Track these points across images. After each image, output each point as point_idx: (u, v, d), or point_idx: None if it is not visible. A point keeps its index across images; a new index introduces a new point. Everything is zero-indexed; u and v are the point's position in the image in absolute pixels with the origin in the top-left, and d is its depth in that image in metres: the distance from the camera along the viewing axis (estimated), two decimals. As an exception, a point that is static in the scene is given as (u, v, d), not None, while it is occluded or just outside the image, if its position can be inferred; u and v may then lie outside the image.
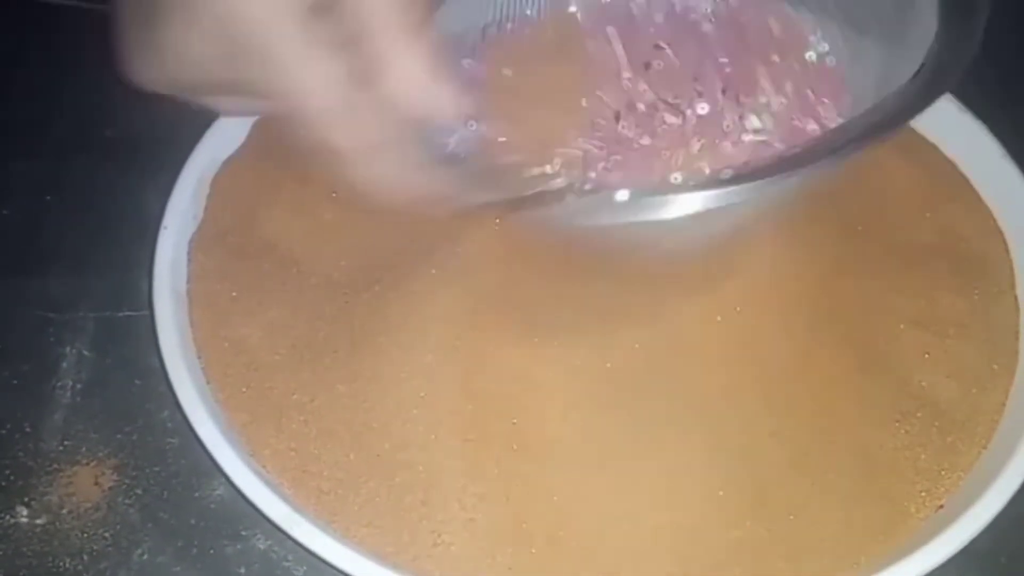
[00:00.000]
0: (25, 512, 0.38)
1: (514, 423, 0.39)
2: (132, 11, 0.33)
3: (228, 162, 0.46)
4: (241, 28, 0.30)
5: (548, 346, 0.40)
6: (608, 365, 0.40)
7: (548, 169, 0.38)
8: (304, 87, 0.30)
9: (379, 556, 0.36)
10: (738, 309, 0.41)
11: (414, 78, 0.31)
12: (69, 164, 0.49)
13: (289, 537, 0.35)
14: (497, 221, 0.43)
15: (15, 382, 0.42)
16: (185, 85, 0.33)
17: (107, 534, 0.38)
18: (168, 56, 0.32)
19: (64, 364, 0.42)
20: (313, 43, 0.30)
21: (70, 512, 0.39)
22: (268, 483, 0.37)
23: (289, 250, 0.44)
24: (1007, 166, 0.45)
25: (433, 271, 0.42)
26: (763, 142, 0.38)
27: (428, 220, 0.35)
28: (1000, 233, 0.45)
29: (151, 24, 0.32)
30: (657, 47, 0.41)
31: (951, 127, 0.47)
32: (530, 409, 0.39)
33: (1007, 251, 0.44)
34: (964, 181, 0.47)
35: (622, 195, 0.31)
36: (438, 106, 0.32)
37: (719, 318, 0.41)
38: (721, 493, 0.37)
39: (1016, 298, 0.43)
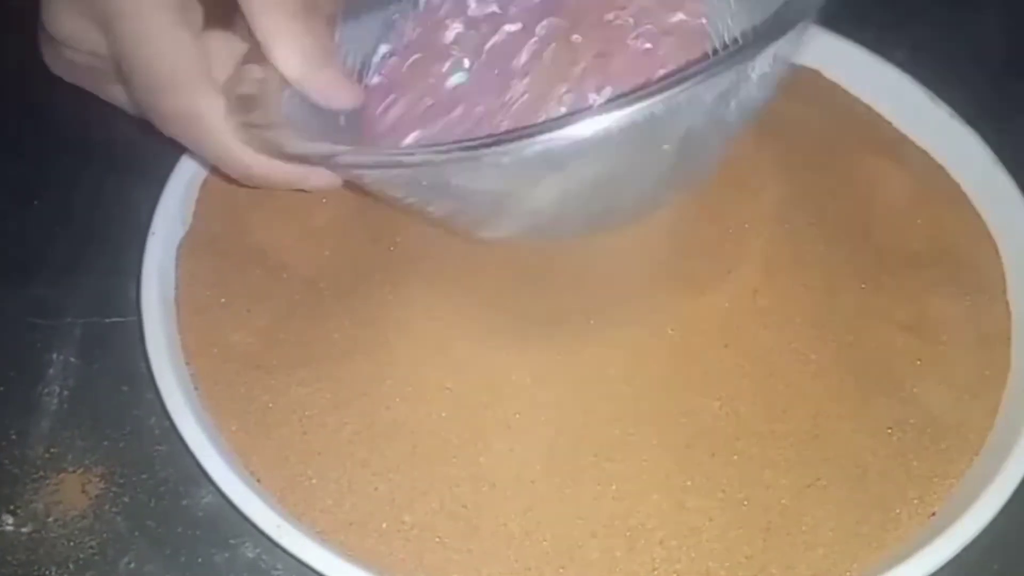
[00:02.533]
0: (11, 520, 0.38)
1: (507, 427, 0.39)
2: None
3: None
4: (105, 8, 0.30)
5: (537, 347, 0.40)
6: (595, 368, 0.40)
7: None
8: (152, 53, 0.31)
9: (369, 564, 0.35)
10: (729, 315, 0.41)
11: (294, 64, 0.32)
12: (56, 168, 0.48)
13: (278, 546, 0.35)
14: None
15: (1, 389, 0.42)
16: (79, 71, 0.34)
17: (94, 542, 0.38)
18: (56, 40, 0.33)
19: (50, 371, 0.42)
20: (177, 24, 0.30)
21: (56, 520, 0.38)
22: (257, 491, 0.36)
23: (278, 256, 0.44)
24: (997, 172, 0.45)
25: (422, 275, 0.42)
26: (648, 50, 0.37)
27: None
28: (991, 239, 0.45)
29: (44, 6, 0.33)
30: None
31: (941, 133, 0.47)
32: (521, 412, 0.39)
33: (998, 257, 0.44)
34: (955, 187, 0.47)
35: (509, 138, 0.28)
36: (317, 91, 0.33)
37: (710, 324, 0.41)
38: (712, 500, 0.37)
39: (1007, 304, 0.43)
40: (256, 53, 0.34)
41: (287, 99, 0.34)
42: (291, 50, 0.32)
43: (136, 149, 0.48)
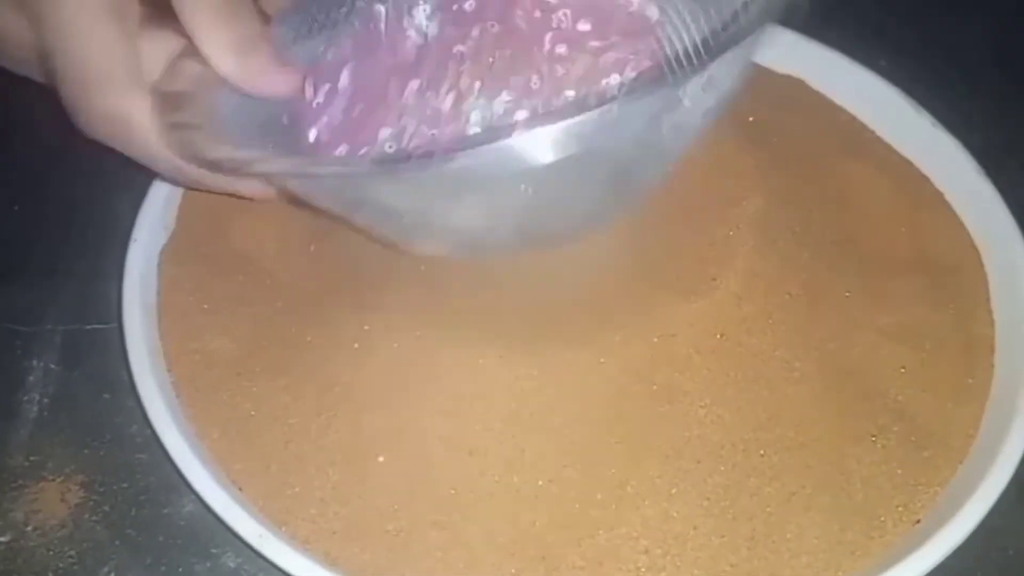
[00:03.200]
0: (-11, 530, 0.38)
1: (491, 435, 0.39)
2: None
3: (201, 173, 0.46)
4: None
5: (521, 354, 0.40)
6: (579, 375, 0.40)
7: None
8: (81, 50, 0.30)
9: (352, 573, 0.35)
10: (714, 323, 0.41)
11: (220, 51, 0.31)
12: (38, 174, 0.48)
13: (260, 555, 0.35)
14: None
15: (-20, 396, 0.41)
16: (6, 53, 0.33)
17: (73, 552, 0.38)
18: None
19: (31, 378, 0.42)
20: (106, 20, 0.30)
21: (35, 529, 0.38)
22: (239, 500, 0.36)
23: (261, 262, 0.44)
24: (981, 182, 0.46)
25: (405, 282, 0.42)
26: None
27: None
28: (975, 248, 0.45)
29: None
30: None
31: (926, 143, 0.48)
32: (505, 420, 0.39)
33: (981, 265, 0.45)
34: (939, 196, 0.47)
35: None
36: (249, 80, 0.32)
37: (694, 331, 0.41)
38: (697, 508, 0.37)
39: (990, 312, 0.43)
40: (192, 49, 0.32)
41: (226, 98, 0.33)
42: (217, 38, 0.31)
43: (118, 155, 0.48)
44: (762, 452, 0.38)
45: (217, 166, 0.31)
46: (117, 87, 0.31)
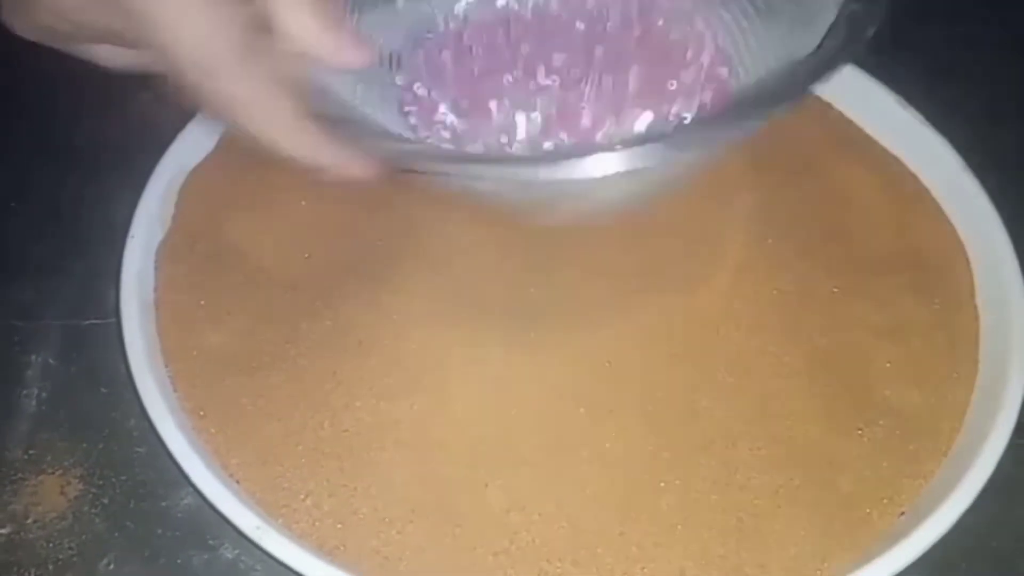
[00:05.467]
0: (-11, 522, 0.38)
1: (487, 426, 0.39)
2: None
3: (196, 170, 0.46)
4: None
5: (515, 349, 0.41)
6: (572, 371, 0.41)
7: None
8: (177, 31, 0.29)
9: (348, 565, 0.36)
10: (705, 319, 0.42)
11: (300, 24, 0.31)
12: (35, 171, 0.48)
13: (257, 547, 0.35)
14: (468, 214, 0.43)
15: (-21, 391, 0.42)
16: (56, 32, 0.32)
17: (73, 544, 0.38)
18: (42, 6, 0.31)
19: (29, 372, 0.42)
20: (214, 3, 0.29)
21: (35, 522, 0.38)
22: (236, 492, 0.37)
23: (257, 258, 0.44)
24: (967, 179, 0.46)
25: (400, 277, 0.43)
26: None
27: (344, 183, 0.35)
28: (961, 244, 0.46)
29: None
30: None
31: (913, 140, 0.48)
32: (500, 412, 0.40)
33: (967, 262, 0.45)
34: (926, 193, 0.48)
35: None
36: (331, 53, 0.32)
37: (685, 328, 0.42)
38: (686, 500, 0.38)
39: (976, 307, 0.44)
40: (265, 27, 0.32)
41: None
42: (300, 16, 0.31)
43: (115, 152, 0.48)
44: (751, 446, 0.39)
45: (391, 161, 0.33)
46: (241, 72, 0.31)
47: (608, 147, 0.30)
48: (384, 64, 0.39)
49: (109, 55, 0.34)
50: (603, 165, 0.30)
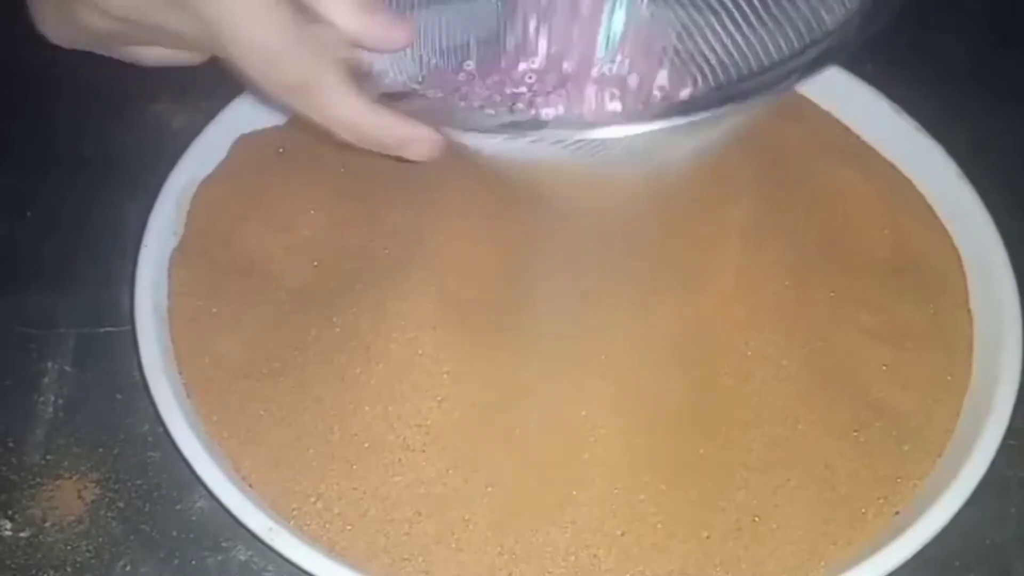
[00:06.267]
0: (9, 525, 0.39)
1: (493, 429, 0.40)
2: None
3: (207, 180, 0.47)
4: None
5: (520, 354, 0.42)
6: (574, 373, 0.41)
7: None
8: (239, 22, 0.30)
9: (358, 565, 0.37)
10: (703, 322, 0.42)
11: (347, 9, 0.31)
12: (49, 181, 0.49)
13: (269, 548, 0.36)
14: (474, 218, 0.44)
15: (-3, 398, 0.42)
16: (99, 35, 0.33)
17: (90, 547, 0.39)
18: (91, 6, 0.31)
19: (46, 380, 0.43)
20: None
21: (53, 525, 0.39)
22: (249, 495, 0.38)
23: (268, 266, 0.45)
24: (962, 185, 0.47)
25: (407, 284, 0.43)
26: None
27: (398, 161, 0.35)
28: (955, 249, 0.47)
29: None
30: None
31: (909, 147, 0.49)
32: (507, 414, 0.40)
33: (961, 266, 0.46)
34: (921, 199, 0.48)
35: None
36: (372, 36, 0.32)
37: (684, 331, 0.42)
38: (686, 501, 0.39)
39: (970, 311, 0.45)
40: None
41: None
42: (341, 1, 0.32)
43: (128, 161, 0.49)
44: (748, 447, 0.40)
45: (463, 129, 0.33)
46: (305, 58, 0.31)
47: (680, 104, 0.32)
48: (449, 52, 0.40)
49: (151, 54, 0.34)
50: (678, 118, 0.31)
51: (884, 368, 0.43)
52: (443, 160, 0.35)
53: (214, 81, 0.35)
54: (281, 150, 0.48)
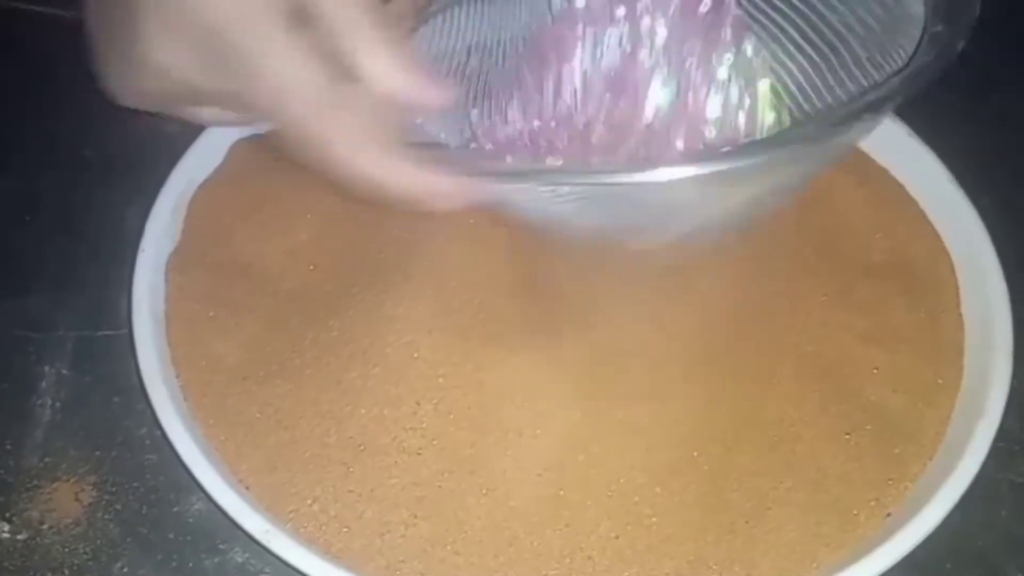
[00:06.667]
0: (7, 528, 0.39)
1: (490, 432, 0.40)
2: (104, 21, 0.33)
3: (205, 184, 0.47)
4: (219, 33, 0.30)
5: (518, 356, 0.42)
6: (570, 379, 0.42)
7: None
8: (286, 87, 0.31)
9: (354, 567, 0.37)
10: (697, 328, 0.43)
11: (387, 70, 0.32)
12: (47, 184, 0.49)
13: (266, 550, 0.37)
14: (471, 221, 0.44)
15: (-5, 400, 0.43)
16: (161, 97, 0.33)
17: (87, 549, 0.39)
18: (144, 67, 0.32)
19: (43, 382, 0.43)
20: (292, 44, 0.30)
21: (51, 527, 0.39)
22: (245, 498, 0.38)
23: (265, 270, 0.45)
24: (953, 190, 0.47)
25: (404, 287, 0.44)
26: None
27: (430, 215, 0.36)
28: (946, 253, 0.47)
29: (125, 34, 0.32)
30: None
31: (901, 152, 0.49)
32: (504, 417, 0.41)
33: (953, 271, 0.46)
34: (913, 204, 0.49)
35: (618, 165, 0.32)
36: (414, 96, 0.33)
37: (678, 336, 0.43)
38: (680, 503, 0.39)
39: (961, 316, 0.45)
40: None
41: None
42: (383, 62, 0.32)
43: (127, 166, 0.49)
44: (741, 450, 0.40)
45: (512, 179, 0.33)
46: (320, 115, 0.32)
47: (719, 153, 0.31)
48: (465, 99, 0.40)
49: (213, 114, 0.35)
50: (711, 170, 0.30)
51: (876, 371, 0.43)
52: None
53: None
54: (278, 154, 0.48)
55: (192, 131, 0.47)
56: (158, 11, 0.31)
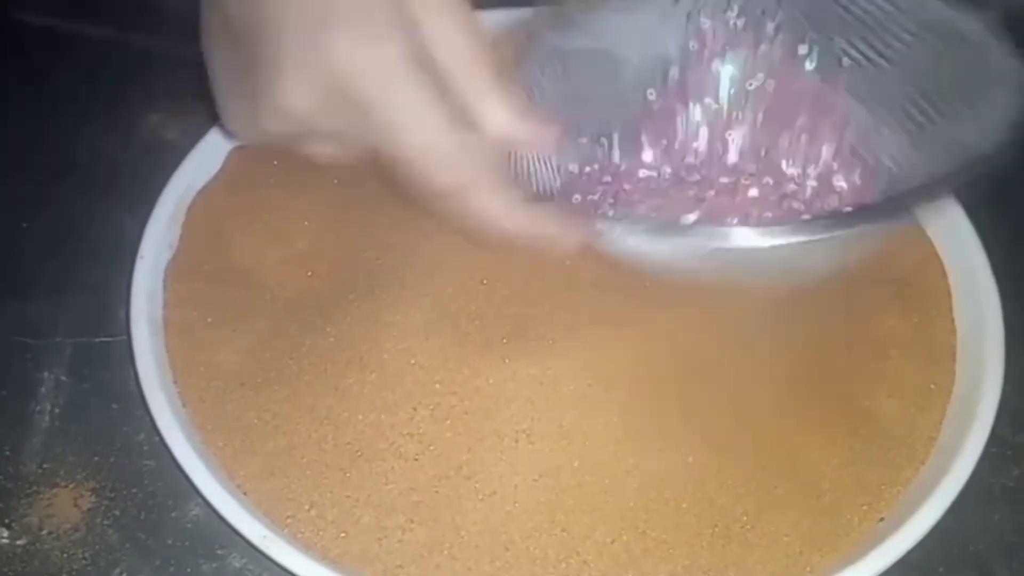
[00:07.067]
0: (6, 533, 0.39)
1: (488, 438, 0.40)
2: (229, 61, 0.34)
3: (203, 191, 0.47)
4: (351, 82, 0.31)
5: (515, 363, 0.42)
6: (570, 383, 0.42)
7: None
8: (411, 130, 0.32)
9: (351, 573, 0.37)
10: (691, 334, 0.43)
11: (502, 116, 0.33)
12: (46, 192, 0.50)
13: (264, 555, 0.37)
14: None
15: (-6, 407, 0.43)
16: (282, 135, 0.34)
17: (86, 554, 0.39)
18: (266, 108, 0.33)
19: (42, 389, 0.43)
20: (422, 96, 0.31)
21: (50, 533, 0.40)
22: (243, 503, 0.38)
23: (261, 278, 0.45)
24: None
25: (401, 295, 0.44)
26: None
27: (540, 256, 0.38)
28: (939, 259, 0.47)
29: (248, 76, 0.33)
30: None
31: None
32: (501, 423, 0.41)
33: (945, 277, 0.47)
34: (906, 210, 0.49)
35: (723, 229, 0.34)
36: (525, 139, 0.34)
37: (673, 342, 0.43)
38: (676, 508, 0.39)
39: (953, 321, 0.45)
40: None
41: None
42: (501, 106, 0.33)
43: (125, 173, 0.50)
44: (737, 455, 0.41)
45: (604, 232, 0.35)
46: (462, 163, 0.33)
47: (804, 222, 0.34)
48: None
49: (333, 152, 0.36)
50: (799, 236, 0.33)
51: (868, 377, 0.43)
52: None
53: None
54: (276, 162, 0.48)
55: (190, 139, 0.48)
56: (288, 58, 0.32)
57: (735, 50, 0.43)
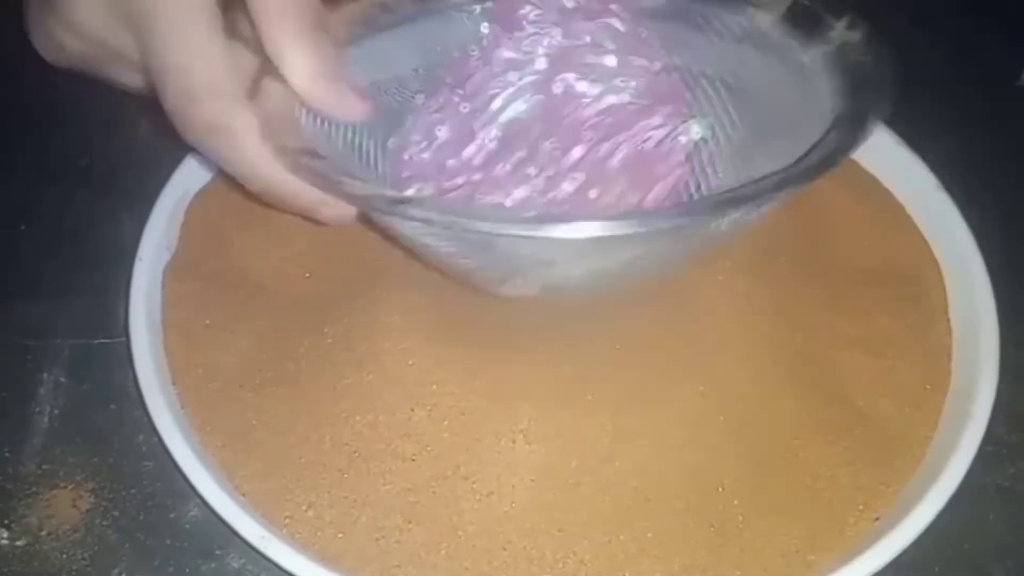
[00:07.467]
0: (5, 534, 0.40)
1: (486, 440, 0.40)
2: None
3: (201, 193, 0.48)
4: (144, 14, 0.31)
5: (514, 365, 0.42)
6: (570, 388, 0.42)
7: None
8: (173, 51, 0.31)
9: (350, 573, 0.37)
10: (687, 336, 0.43)
11: (303, 75, 0.32)
12: (44, 193, 0.50)
13: (263, 556, 0.37)
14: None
15: (-7, 408, 0.43)
16: (81, 57, 0.34)
17: (86, 555, 0.39)
18: (62, 22, 0.33)
19: (41, 390, 0.44)
20: (213, 37, 0.31)
21: (49, 534, 0.40)
22: (241, 504, 0.38)
23: (261, 278, 0.46)
24: (941, 197, 0.48)
25: (400, 296, 0.44)
26: None
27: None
28: (934, 260, 0.47)
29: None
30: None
31: (889, 160, 0.50)
32: (499, 425, 0.41)
33: (941, 277, 0.47)
34: (901, 211, 0.49)
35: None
36: (326, 103, 0.33)
37: (669, 345, 0.43)
38: (672, 509, 0.39)
39: (949, 321, 0.45)
40: (268, 66, 0.33)
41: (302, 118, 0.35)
42: (302, 61, 0.32)
43: (123, 175, 0.50)
44: (732, 455, 0.41)
45: (358, 202, 0.33)
46: (221, 100, 0.32)
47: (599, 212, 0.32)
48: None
49: (133, 79, 0.35)
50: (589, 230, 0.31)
51: (864, 376, 0.43)
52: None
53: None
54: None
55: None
56: None
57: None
